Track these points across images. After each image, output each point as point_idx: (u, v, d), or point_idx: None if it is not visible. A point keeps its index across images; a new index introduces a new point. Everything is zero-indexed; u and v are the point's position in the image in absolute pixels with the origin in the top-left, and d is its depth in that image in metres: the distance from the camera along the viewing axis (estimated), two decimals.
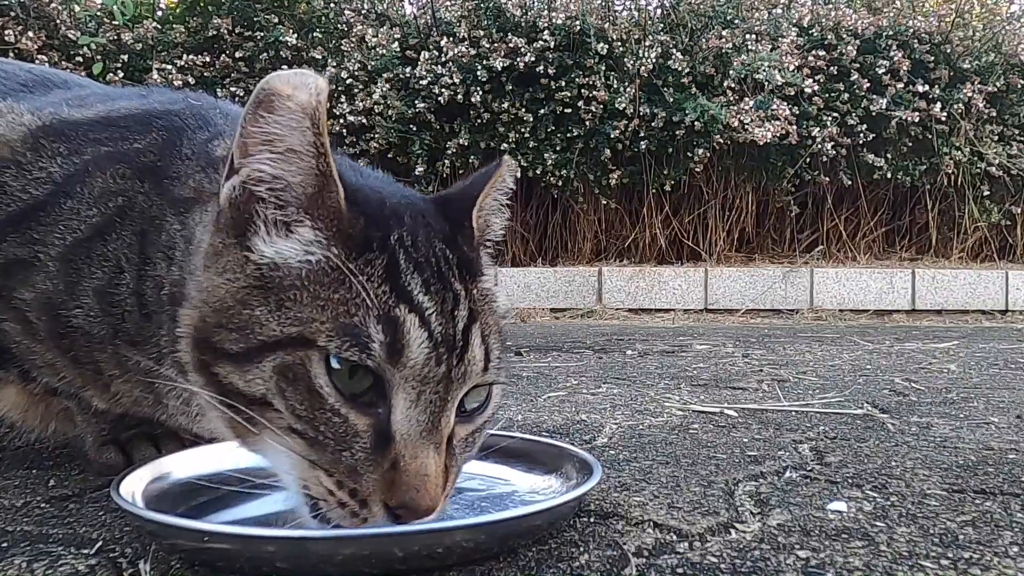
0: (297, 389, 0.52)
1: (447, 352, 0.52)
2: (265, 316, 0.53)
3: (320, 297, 0.52)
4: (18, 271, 0.70)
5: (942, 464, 0.87)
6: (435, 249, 0.56)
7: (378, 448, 0.51)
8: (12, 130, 0.73)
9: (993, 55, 3.92)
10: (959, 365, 1.81)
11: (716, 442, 0.99)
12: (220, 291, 0.55)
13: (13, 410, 0.84)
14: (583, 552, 0.58)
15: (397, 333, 0.51)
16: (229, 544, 0.53)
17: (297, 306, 0.52)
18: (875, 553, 0.59)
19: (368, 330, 0.50)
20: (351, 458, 0.51)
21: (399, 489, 0.50)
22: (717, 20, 3.83)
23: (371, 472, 0.51)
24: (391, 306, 0.51)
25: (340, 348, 0.50)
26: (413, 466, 0.50)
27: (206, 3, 3.96)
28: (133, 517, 0.59)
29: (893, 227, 4.13)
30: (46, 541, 0.62)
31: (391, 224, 0.56)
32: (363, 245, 0.54)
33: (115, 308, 0.68)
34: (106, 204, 0.69)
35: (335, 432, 0.52)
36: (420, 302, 0.53)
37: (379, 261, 0.53)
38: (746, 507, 0.71)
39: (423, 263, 0.55)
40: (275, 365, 0.52)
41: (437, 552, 0.53)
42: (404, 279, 0.53)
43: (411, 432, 0.51)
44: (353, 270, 0.52)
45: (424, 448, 0.51)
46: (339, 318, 0.51)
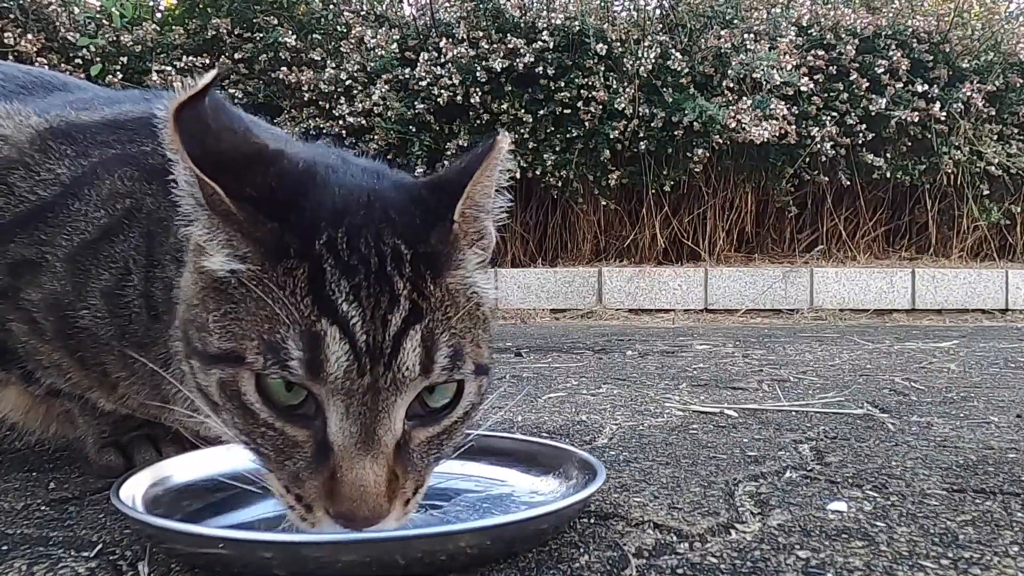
0: (235, 404, 0.52)
1: (372, 362, 0.50)
2: (214, 323, 0.53)
3: (251, 311, 0.51)
4: (26, 272, 0.70)
5: (942, 464, 0.87)
6: (382, 245, 0.52)
7: (319, 457, 0.51)
8: (19, 131, 0.73)
9: (992, 54, 3.92)
10: (959, 364, 1.81)
11: (716, 442, 0.99)
12: (189, 290, 0.56)
13: (14, 411, 0.84)
14: (583, 553, 0.58)
15: (316, 348, 0.49)
16: (226, 549, 0.53)
17: (234, 319, 0.52)
18: (875, 553, 0.59)
19: (288, 347, 0.49)
20: (293, 466, 0.52)
21: (338, 499, 0.50)
22: (716, 20, 3.84)
23: (312, 480, 0.51)
24: (312, 320, 0.49)
25: (264, 367, 0.50)
26: (349, 477, 0.50)
27: (205, 5, 3.97)
28: (132, 521, 0.58)
29: (893, 226, 4.13)
30: (46, 544, 0.62)
31: (321, 225, 0.52)
32: (278, 253, 0.51)
33: (123, 309, 0.68)
34: (114, 206, 0.69)
35: (274, 444, 0.52)
36: (344, 312, 0.50)
37: (300, 271, 0.51)
38: (746, 507, 0.71)
39: (357, 265, 0.51)
40: (217, 379, 0.53)
41: (440, 559, 0.53)
42: (329, 288, 0.50)
43: (346, 443, 0.50)
44: (270, 283, 0.50)
45: (360, 459, 0.50)
46: (264, 335, 0.50)
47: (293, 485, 0.52)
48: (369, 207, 0.55)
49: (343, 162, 0.62)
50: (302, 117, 3.77)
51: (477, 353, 0.55)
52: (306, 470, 0.51)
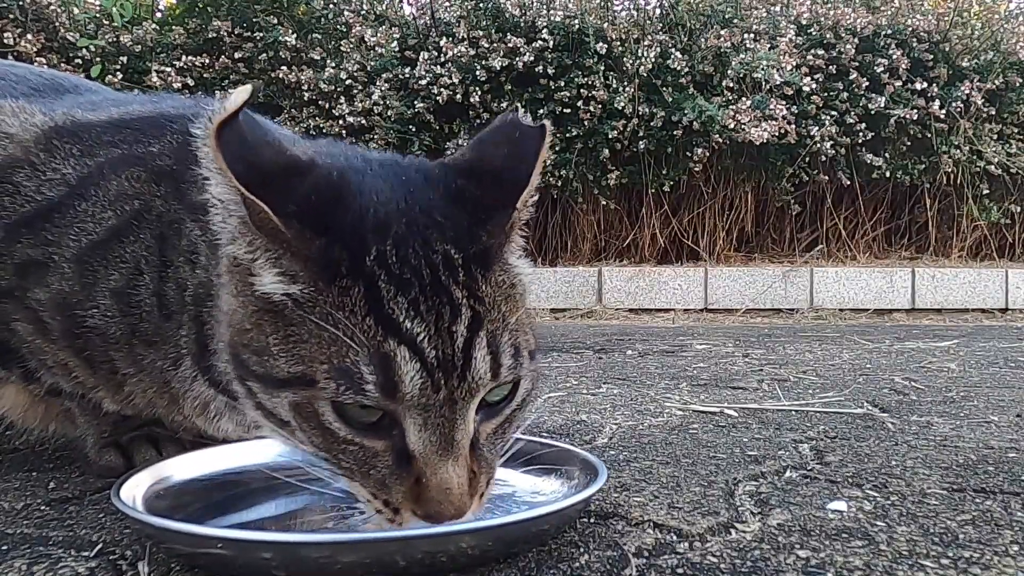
0: (311, 424, 0.52)
1: (445, 376, 0.51)
2: (276, 347, 0.52)
3: (313, 334, 0.51)
4: (32, 272, 0.70)
5: (942, 463, 0.87)
6: (433, 254, 0.52)
7: (401, 464, 0.52)
8: (25, 130, 0.73)
9: (992, 53, 3.92)
10: (959, 364, 1.81)
11: (716, 442, 0.99)
12: (238, 313, 0.55)
13: (13, 410, 0.84)
14: (583, 553, 0.58)
15: (389, 370, 0.49)
16: (225, 549, 0.53)
17: (298, 342, 0.51)
18: (875, 552, 0.59)
19: (360, 371, 0.49)
20: (377, 474, 0.53)
21: (425, 502, 0.51)
22: (716, 19, 3.83)
23: (399, 485, 0.52)
24: (379, 341, 0.49)
25: (338, 392, 0.50)
26: (435, 482, 0.51)
27: (205, 4, 3.96)
28: (132, 520, 0.58)
29: (892, 226, 4.13)
30: (46, 544, 0.62)
31: (368, 240, 0.51)
32: (330, 272, 0.51)
33: (134, 308, 0.68)
34: (122, 207, 0.69)
35: (355, 457, 0.53)
36: (409, 329, 0.50)
37: (356, 290, 0.50)
38: (746, 507, 0.71)
39: (411, 279, 0.51)
40: (290, 402, 0.53)
41: (441, 560, 0.52)
42: (388, 305, 0.50)
43: (427, 451, 0.51)
44: (327, 304, 0.50)
45: (443, 464, 0.51)
46: (332, 359, 0.50)
47: (380, 491, 0.53)
48: (410, 213, 0.54)
49: (364, 161, 0.60)
50: (302, 117, 3.77)
51: (528, 342, 0.56)
52: (391, 477, 0.52)
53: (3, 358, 0.78)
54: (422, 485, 0.51)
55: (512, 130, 0.59)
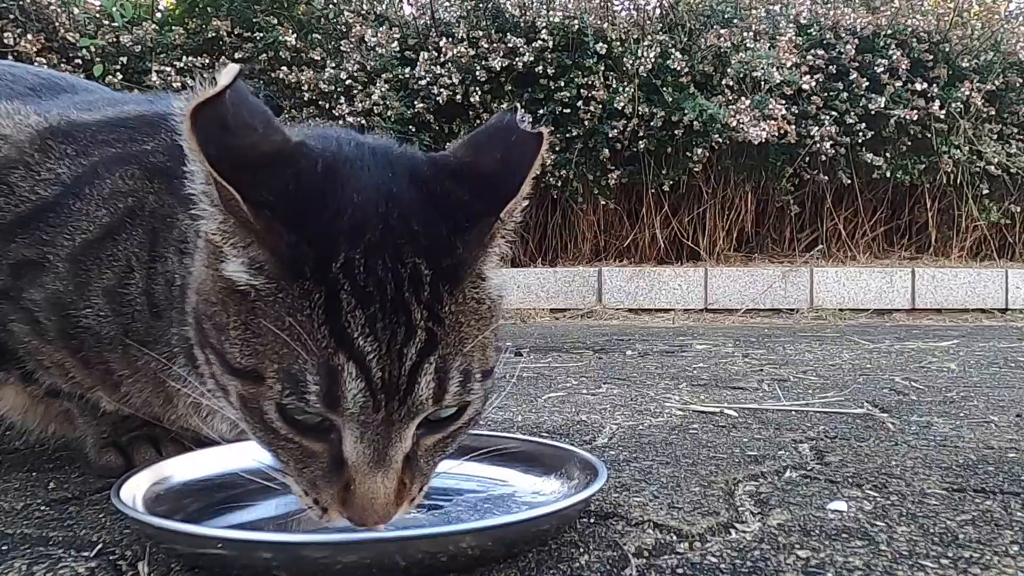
0: (254, 416, 0.53)
1: (387, 397, 0.50)
2: (235, 331, 0.52)
3: (269, 331, 0.50)
4: (28, 272, 0.70)
5: (942, 463, 0.87)
6: (401, 268, 0.50)
7: (334, 468, 0.53)
8: (19, 131, 0.73)
9: (992, 54, 3.92)
10: (959, 364, 1.81)
11: (716, 442, 0.99)
12: (207, 284, 0.55)
13: (12, 411, 0.84)
14: (583, 553, 0.58)
15: (335, 384, 0.49)
16: (225, 549, 0.53)
17: (254, 334, 0.51)
18: (875, 553, 0.59)
19: (306, 380, 0.49)
20: (310, 474, 0.54)
21: (352, 507, 0.52)
22: (715, 19, 3.83)
23: (329, 488, 0.53)
24: (330, 353, 0.49)
25: (282, 395, 0.50)
26: (362, 490, 0.52)
27: (205, 4, 3.96)
28: (132, 521, 0.58)
29: (892, 226, 4.13)
30: (46, 544, 0.62)
31: (339, 244, 0.50)
32: (294, 271, 0.49)
33: (125, 308, 0.68)
34: (115, 205, 0.69)
35: (293, 455, 0.54)
36: (360, 347, 0.49)
37: (316, 295, 0.49)
38: (746, 507, 0.71)
39: (373, 292, 0.49)
40: (237, 392, 0.53)
41: (441, 560, 0.53)
42: (345, 318, 0.49)
43: (359, 462, 0.52)
44: (287, 303, 0.49)
45: (372, 475, 0.52)
46: (283, 361, 0.50)
47: (311, 490, 0.54)
48: (388, 218, 0.52)
49: (357, 148, 0.58)
50: (302, 117, 3.77)
51: (484, 361, 0.55)
52: (323, 479, 0.53)
53: (2, 359, 0.78)
54: (350, 491, 0.52)
55: (508, 134, 0.57)
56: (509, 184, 0.54)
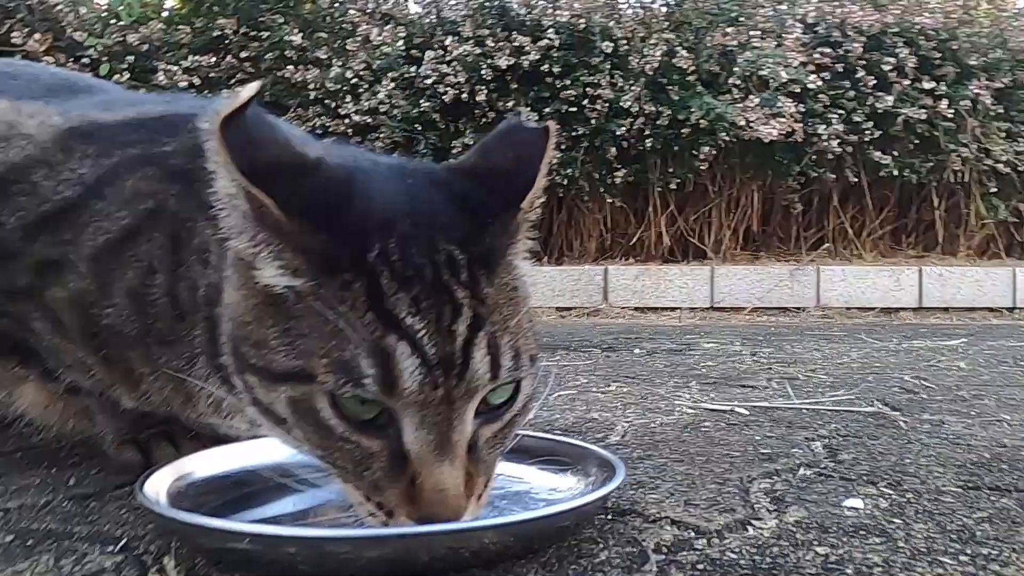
0: (308, 421, 0.52)
1: (444, 374, 0.50)
2: (275, 340, 0.52)
3: (313, 327, 0.51)
4: (50, 271, 0.71)
5: (956, 461, 0.87)
6: (437, 254, 0.52)
7: (396, 466, 0.52)
8: (42, 131, 0.74)
9: (1000, 51, 3.90)
10: (968, 363, 1.81)
11: (729, 440, 0.99)
12: (240, 306, 0.56)
13: (32, 407, 0.85)
14: (603, 548, 0.59)
15: (388, 365, 0.49)
16: (252, 544, 0.53)
17: (298, 336, 0.51)
18: (893, 550, 0.59)
19: (359, 364, 0.49)
20: (371, 476, 0.53)
21: (420, 504, 0.51)
22: (722, 18, 3.82)
23: (392, 488, 0.52)
24: (379, 336, 0.49)
25: (337, 385, 0.50)
26: (429, 483, 0.51)
27: (211, 3, 3.97)
28: (156, 516, 0.59)
29: (900, 224, 4.11)
30: (71, 538, 0.63)
31: (371, 237, 0.52)
32: (332, 266, 0.51)
33: (148, 308, 0.69)
34: (136, 206, 0.70)
35: (351, 457, 0.53)
36: (410, 325, 0.50)
37: (357, 284, 0.50)
38: (762, 504, 0.71)
39: (413, 276, 0.51)
40: (287, 397, 0.53)
41: (464, 556, 0.53)
42: (389, 301, 0.50)
43: (422, 452, 0.51)
44: (329, 298, 0.50)
45: (439, 465, 0.51)
46: (332, 352, 0.50)
47: (373, 494, 0.53)
48: (415, 213, 0.54)
49: (372, 163, 0.61)
50: (308, 115, 3.78)
51: (528, 346, 0.56)
52: (385, 478, 0.52)
53: (24, 357, 0.79)
54: (417, 487, 0.51)
55: (516, 133, 0.60)
56: (524, 177, 0.56)
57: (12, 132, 0.74)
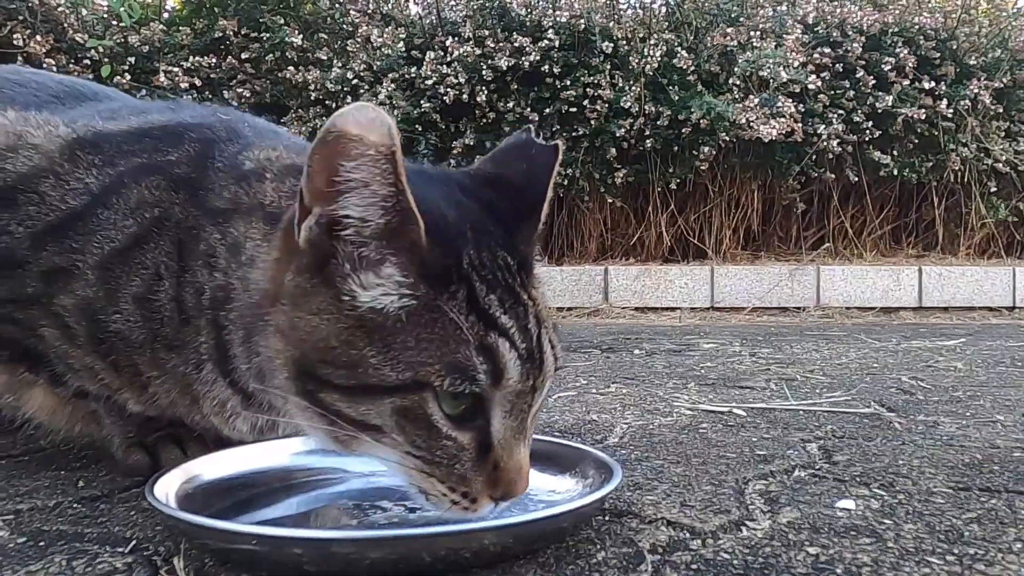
0: (417, 426, 0.56)
1: (532, 366, 0.57)
2: (376, 359, 0.55)
3: (423, 338, 0.55)
4: (58, 279, 0.72)
5: (948, 462, 0.88)
6: (498, 260, 0.58)
7: (481, 455, 0.57)
8: (49, 141, 0.75)
9: (1000, 51, 3.90)
10: (966, 363, 1.82)
11: (726, 441, 1.01)
12: (320, 331, 0.57)
13: (40, 411, 0.86)
14: (600, 549, 0.60)
15: (495, 360, 0.55)
16: (257, 545, 0.55)
17: (405, 350, 0.55)
18: (883, 549, 0.60)
19: (473, 363, 0.54)
20: (461, 468, 0.58)
21: (501, 484, 0.57)
22: (722, 18, 3.83)
23: (478, 476, 0.57)
24: (483, 335, 0.55)
25: (453, 385, 0.54)
26: (511, 464, 0.57)
27: (211, 4, 3.99)
28: (165, 517, 0.61)
29: (899, 224, 4.12)
30: (81, 540, 0.64)
31: (459, 245, 0.57)
32: (445, 278, 0.56)
33: (154, 314, 0.70)
34: (142, 215, 0.71)
35: (448, 453, 0.57)
36: (503, 324, 0.56)
37: (460, 292, 0.56)
38: (756, 505, 0.72)
39: (493, 280, 0.57)
40: (394, 407, 0.56)
41: (465, 556, 0.55)
42: (484, 303, 0.56)
43: (506, 437, 0.57)
44: (444, 307, 0.55)
45: (517, 446, 0.57)
46: (445, 357, 0.54)
47: (459, 484, 0.58)
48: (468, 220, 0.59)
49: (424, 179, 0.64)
50: (309, 116, 3.80)
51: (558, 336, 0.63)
52: (472, 469, 0.58)
53: (32, 363, 0.80)
54: (499, 469, 0.57)
55: (528, 147, 0.65)
56: (535, 191, 0.62)
57: (20, 143, 0.75)
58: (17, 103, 0.84)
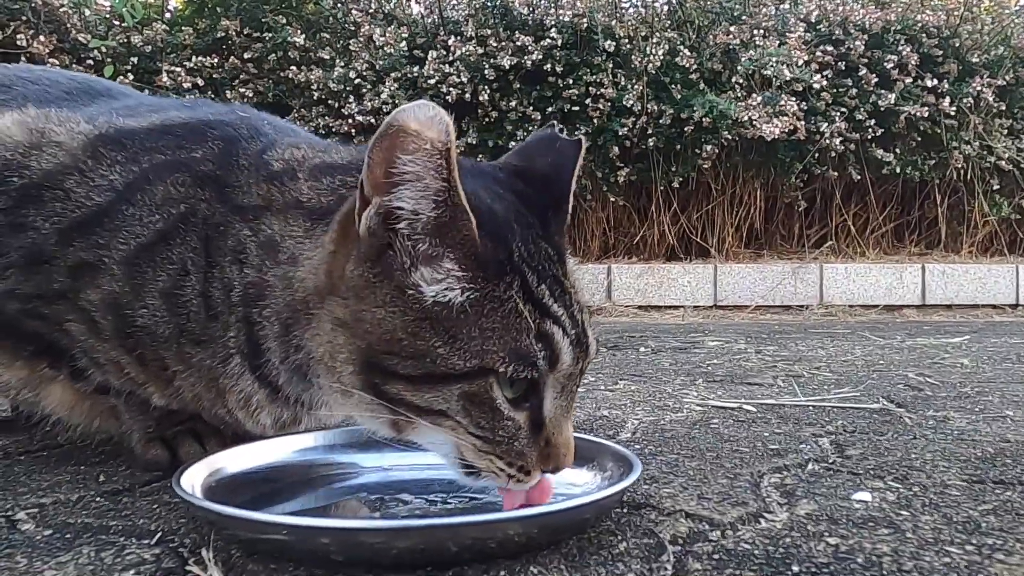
0: (482, 409, 0.59)
1: (580, 350, 0.60)
2: (443, 349, 0.58)
3: (486, 328, 0.57)
4: (85, 274, 0.73)
5: (960, 456, 0.89)
6: (542, 250, 0.61)
7: (534, 432, 0.61)
8: (72, 138, 0.76)
9: (1002, 48, 3.91)
10: (972, 359, 1.83)
11: (737, 436, 1.01)
12: (387, 323, 0.59)
13: (60, 407, 0.87)
14: (621, 540, 0.61)
15: (552, 345, 0.58)
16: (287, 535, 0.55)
17: (471, 339, 0.57)
18: (901, 540, 0.61)
19: (533, 351, 0.58)
20: (519, 445, 0.61)
21: (553, 458, 0.61)
22: (724, 16, 3.84)
23: (532, 451, 0.61)
24: (539, 322, 0.58)
25: (517, 371, 0.58)
26: (561, 440, 0.61)
27: (214, 4, 3.99)
28: (194, 508, 0.61)
29: (902, 222, 4.13)
30: (107, 532, 0.65)
31: (509, 238, 0.59)
32: (500, 269, 0.58)
33: (181, 309, 0.71)
34: (168, 211, 0.72)
35: (507, 431, 0.61)
36: (555, 312, 0.59)
37: (515, 282, 0.58)
38: (773, 498, 0.73)
39: (541, 270, 0.60)
40: (461, 393, 0.59)
41: (490, 546, 0.55)
42: (537, 293, 0.59)
43: (556, 415, 0.61)
44: (504, 298, 0.57)
45: (565, 423, 0.62)
46: (508, 344, 0.57)
47: (517, 459, 0.61)
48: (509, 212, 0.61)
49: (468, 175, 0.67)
50: (311, 116, 3.80)
51: None
52: (527, 445, 0.61)
53: (54, 358, 0.81)
54: (551, 445, 0.61)
55: (552, 142, 0.68)
56: (561, 183, 0.65)
57: (43, 140, 0.76)
58: (34, 100, 0.85)
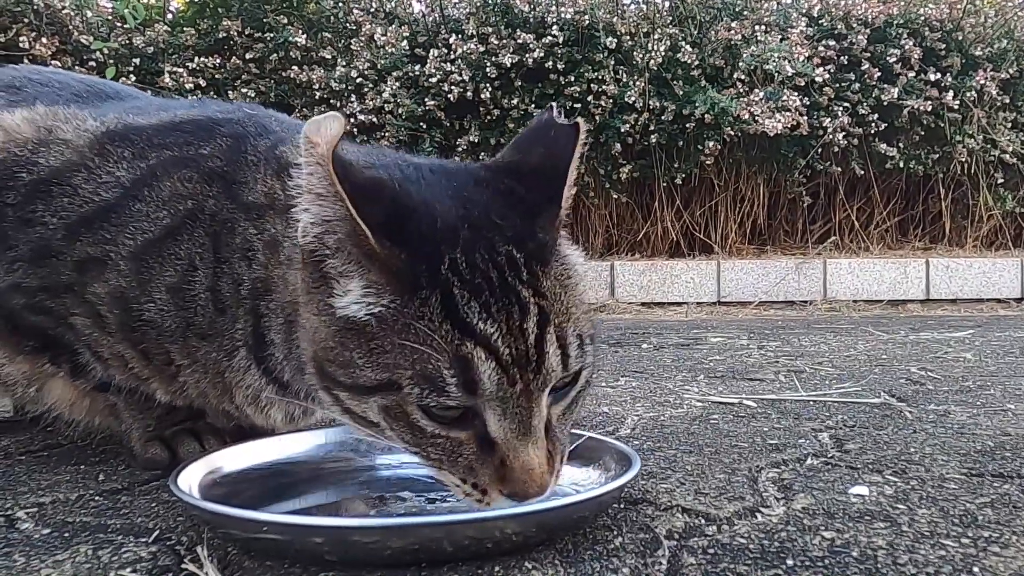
0: (401, 424, 0.56)
1: (521, 370, 0.54)
2: (361, 360, 0.55)
3: (396, 344, 0.54)
4: (91, 268, 0.73)
5: (960, 450, 0.89)
6: (498, 256, 0.55)
7: (485, 450, 0.56)
8: (79, 136, 0.76)
9: (1006, 41, 3.88)
10: (975, 354, 1.82)
11: (737, 431, 1.01)
12: (321, 331, 0.58)
13: (60, 403, 0.88)
14: (617, 535, 0.61)
15: (468, 370, 0.53)
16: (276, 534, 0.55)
17: (382, 353, 0.54)
18: (897, 533, 0.61)
19: (442, 375, 0.53)
20: (464, 461, 0.57)
21: (511, 482, 0.55)
22: (726, 12, 3.82)
23: (484, 468, 0.56)
24: (457, 345, 0.53)
25: (422, 396, 0.53)
26: (518, 464, 0.55)
27: (215, 5, 4.00)
28: (190, 507, 0.62)
29: (906, 216, 4.11)
30: (105, 531, 0.65)
31: (440, 249, 0.54)
32: (413, 285, 0.54)
33: (188, 303, 0.71)
34: (176, 207, 0.72)
35: (443, 448, 0.57)
36: (483, 331, 0.53)
37: (433, 299, 0.53)
38: (770, 492, 0.73)
39: (481, 283, 0.54)
40: (379, 405, 0.56)
41: (486, 545, 0.55)
42: (462, 311, 0.53)
43: (508, 437, 0.55)
44: (411, 315, 0.53)
45: (523, 447, 0.55)
46: (415, 365, 0.53)
47: (468, 475, 0.57)
48: (470, 217, 0.57)
49: (416, 169, 0.63)
50: (314, 115, 3.79)
51: (587, 325, 0.59)
52: (477, 461, 0.56)
53: (55, 354, 0.81)
54: (507, 466, 0.55)
55: (547, 129, 0.62)
56: (558, 173, 0.59)
57: (51, 137, 0.76)
58: (44, 100, 0.85)
